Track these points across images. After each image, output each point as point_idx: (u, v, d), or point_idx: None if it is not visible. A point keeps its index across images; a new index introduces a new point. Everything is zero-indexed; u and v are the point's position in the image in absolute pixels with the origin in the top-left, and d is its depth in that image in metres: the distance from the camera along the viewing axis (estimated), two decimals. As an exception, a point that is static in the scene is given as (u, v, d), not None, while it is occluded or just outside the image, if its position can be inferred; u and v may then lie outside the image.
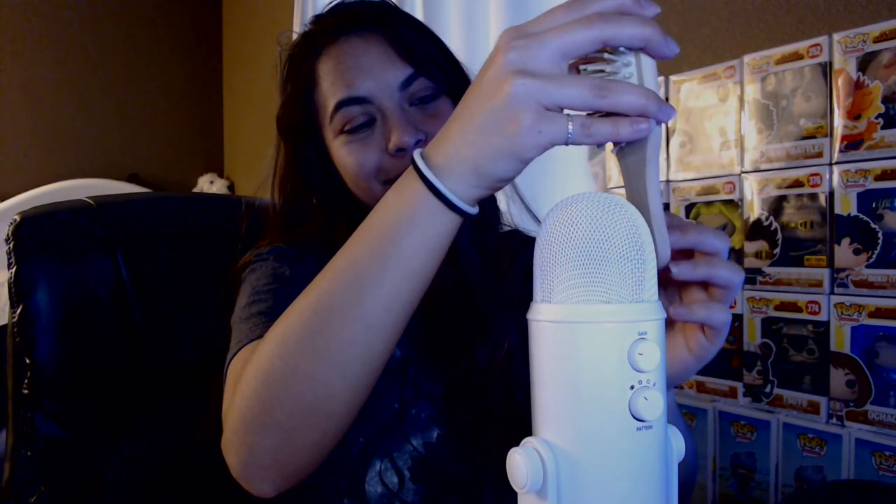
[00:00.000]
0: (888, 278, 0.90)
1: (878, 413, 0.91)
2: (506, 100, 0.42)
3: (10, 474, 0.77)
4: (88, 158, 3.08)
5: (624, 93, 0.42)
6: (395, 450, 0.67)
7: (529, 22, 0.44)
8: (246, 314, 0.63)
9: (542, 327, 0.39)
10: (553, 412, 0.39)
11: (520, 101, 0.41)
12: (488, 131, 0.43)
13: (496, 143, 0.43)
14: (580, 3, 0.43)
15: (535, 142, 0.42)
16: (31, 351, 0.77)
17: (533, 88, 0.41)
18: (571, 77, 0.42)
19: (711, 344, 0.51)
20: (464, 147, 0.44)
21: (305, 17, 2.38)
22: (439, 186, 0.45)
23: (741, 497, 1.06)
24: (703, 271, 0.49)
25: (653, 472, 0.38)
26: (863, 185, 0.92)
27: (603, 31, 0.41)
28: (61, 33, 3.06)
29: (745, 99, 1.07)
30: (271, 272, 0.68)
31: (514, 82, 0.41)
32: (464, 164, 0.45)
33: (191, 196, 1.67)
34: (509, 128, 0.42)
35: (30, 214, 0.81)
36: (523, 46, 0.42)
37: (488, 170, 0.44)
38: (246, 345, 0.59)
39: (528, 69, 0.41)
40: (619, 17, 0.42)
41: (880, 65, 0.91)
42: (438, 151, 0.46)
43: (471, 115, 0.44)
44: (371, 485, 0.66)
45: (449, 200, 0.45)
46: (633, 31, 0.42)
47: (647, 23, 0.42)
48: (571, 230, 0.38)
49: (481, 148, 0.43)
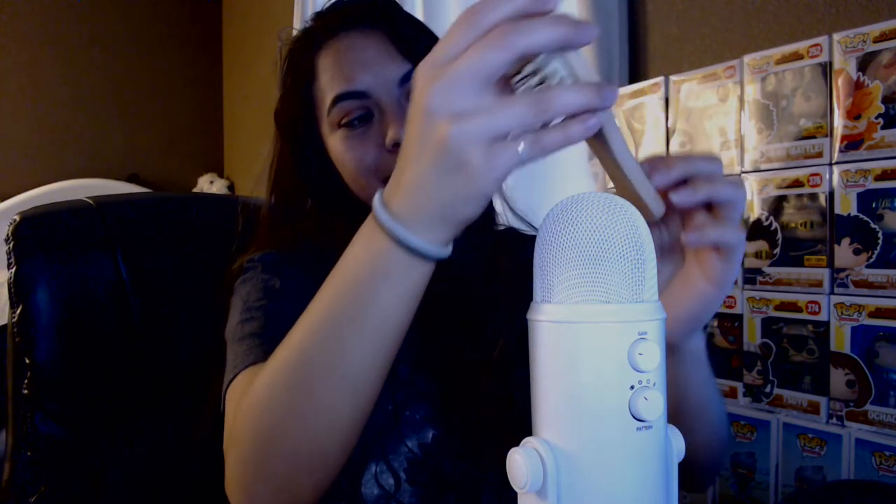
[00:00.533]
0: (888, 278, 0.90)
1: (878, 413, 0.91)
2: (448, 150, 0.40)
3: (10, 474, 0.77)
4: (88, 158, 3.09)
5: (562, 98, 0.39)
6: (391, 451, 0.66)
7: (438, 47, 0.41)
8: (239, 334, 0.64)
9: (542, 327, 0.39)
10: (553, 412, 0.39)
11: (462, 147, 0.40)
12: (443, 183, 0.41)
13: (454, 190, 0.42)
14: (474, 16, 0.40)
15: (492, 178, 0.41)
16: (31, 351, 0.77)
17: (470, 130, 0.39)
18: (504, 103, 0.40)
19: (729, 265, 0.50)
20: (424, 200, 0.43)
21: (305, 17, 2.37)
22: (410, 241, 0.44)
23: (741, 497, 1.06)
24: (704, 192, 0.48)
25: (653, 472, 0.38)
26: (863, 185, 0.92)
27: (514, 48, 0.39)
28: (61, 33, 3.06)
29: (745, 99, 1.07)
30: (261, 285, 0.68)
31: (449, 131, 0.39)
32: (428, 214, 0.44)
33: (191, 196, 1.67)
34: (462, 175, 0.41)
35: (30, 214, 0.81)
36: (442, 87, 0.40)
37: (454, 215, 0.43)
38: (241, 371, 0.60)
39: (457, 110, 0.39)
40: (525, 25, 0.39)
41: (880, 65, 0.91)
42: (399, 202, 0.44)
43: (420, 170, 0.42)
44: (367, 487, 0.66)
45: (422, 252, 0.45)
46: (545, 37, 0.39)
47: (554, 22, 0.39)
48: (571, 230, 0.38)
49: (441, 198, 0.42)
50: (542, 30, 0.39)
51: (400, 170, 0.44)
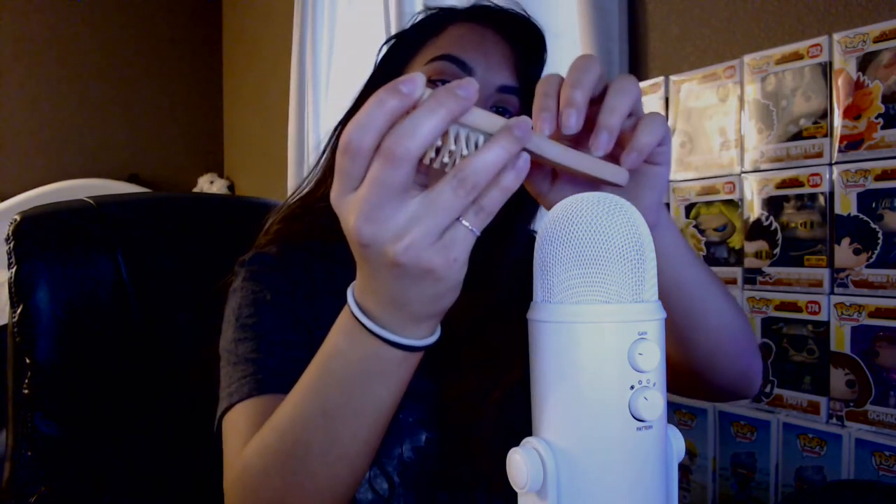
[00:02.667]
0: (888, 278, 0.90)
1: (878, 413, 0.91)
2: (404, 268, 0.40)
3: (10, 474, 0.77)
4: (88, 158, 3.09)
5: (480, 165, 0.39)
6: (384, 456, 0.66)
7: (339, 180, 0.41)
8: (234, 356, 0.64)
9: (542, 327, 0.39)
10: (553, 412, 0.39)
11: (417, 260, 0.40)
12: (414, 292, 0.42)
13: (427, 293, 0.42)
14: (353, 143, 0.39)
15: (457, 267, 0.41)
16: (31, 351, 0.77)
17: (414, 243, 0.39)
18: (431, 200, 0.39)
19: (665, 147, 0.51)
20: (401, 307, 0.44)
21: (306, 18, 2.37)
22: (401, 342, 0.45)
23: (741, 497, 1.06)
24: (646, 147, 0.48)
25: (653, 472, 0.38)
26: (863, 185, 0.92)
27: (408, 156, 0.38)
28: (61, 33, 3.06)
29: (745, 99, 1.07)
30: (252, 298, 0.68)
31: (396, 253, 0.39)
32: (410, 317, 0.45)
33: (191, 196, 1.67)
34: (429, 279, 0.41)
35: (30, 214, 0.81)
36: (365, 217, 0.39)
37: (435, 310, 0.45)
38: (236, 403, 0.61)
39: (392, 233, 0.39)
40: (405, 129, 0.38)
41: (880, 65, 0.91)
42: (378, 310, 0.45)
43: (388, 286, 0.43)
44: (361, 492, 0.66)
45: (413, 347, 0.46)
46: (430, 128, 0.38)
47: (430, 109, 0.38)
48: (571, 230, 0.38)
49: (418, 301, 0.43)
50: (423, 124, 0.38)
51: (367, 276, 0.44)
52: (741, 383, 0.68)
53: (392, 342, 0.45)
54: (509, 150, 0.39)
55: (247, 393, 0.61)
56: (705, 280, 0.61)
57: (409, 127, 0.38)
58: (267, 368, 0.62)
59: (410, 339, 0.45)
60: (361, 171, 0.40)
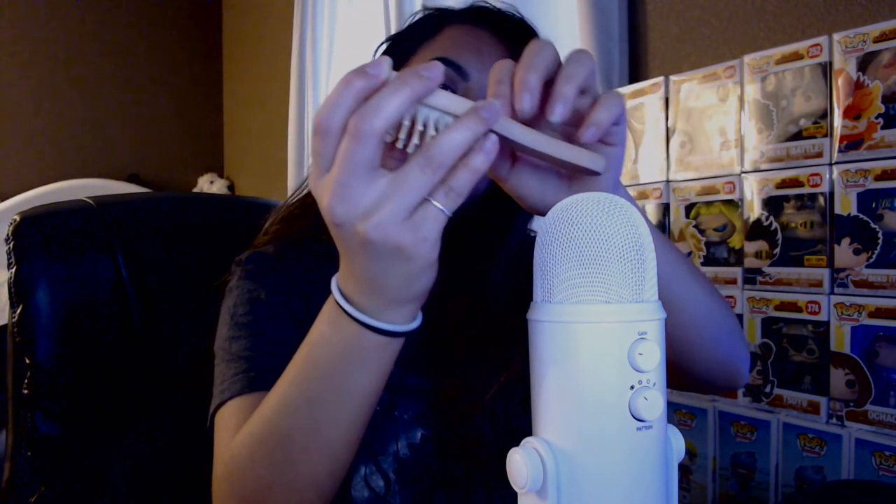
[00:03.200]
0: (888, 278, 0.90)
1: (878, 413, 0.91)
2: (375, 246, 0.41)
3: (10, 474, 0.77)
4: (88, 158, 3.09)
5: (447, 145, 0.40)
6: (380, 453, 0.66)
7: (314, 162, 0.42)
8: (228, 354, 0.65)
9: (542, 327, 0.39)
10: (553, 412, 0.39)
11: (387, 237, 0.41)
12: (388, 271, 0.43)
13: (401, 272, 0.43)
14: (323, 123, 0.40)
15: (429, 245, 0.42)
16: (31, 351, 0.77)
17: (383, 220, 0.40)
18: (399, 179, 0.40)
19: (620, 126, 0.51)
20: (378, 289, 0.45)
21: (305, 18, 2.38)
22: (380, 327, 0.46)
23: (741, 497, 1.06)
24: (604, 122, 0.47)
25: (653, 472, 0.38)
26: (863, 185, 0.92)
27: (373, 133, 0.39)
28: (62, 34, 3.06)
29: (745, 99, 1.07)
30: (247, 297, 0.69)
31: (366, 231, 0.40)
32: (387, 300, 0.46)
33: (191, 196, 1.67)
34: (401, 257, 0.42)
35: (30, 214, 0.81)
36: (336, 197, 0.40)
37: (412, 292, 0.45)
38: (228, 399, 0.61)
39: (362, 210, 0.40)
40: (371, 107, 0.39)
41: (880, 65, 0.91)
42: (357, 294, 0.46)
43: (363, 266, 0.44)
44: (357, 490, 0.66)
45: (392, 332, 0.47)
46: (395, 106, 0.39)
47: (395, 88, 0.40)
48: (571, 230, 0.38)
49: (394, 283, 0.44)
50: (388, 102, 0.39)
51: (345, 258, 0.45)
52: (721, 374, 0.66)
53: (371, 327, 0.46)
54: (475, 131, 0.40)
55: (238, 390, 0.61)
56: (676, 266, 0.59)
57: (374, 105, 0.39)
58: (260, 366, 0.62)
59: (389, 323, 0.46)
60: (332, 151, 0.41)
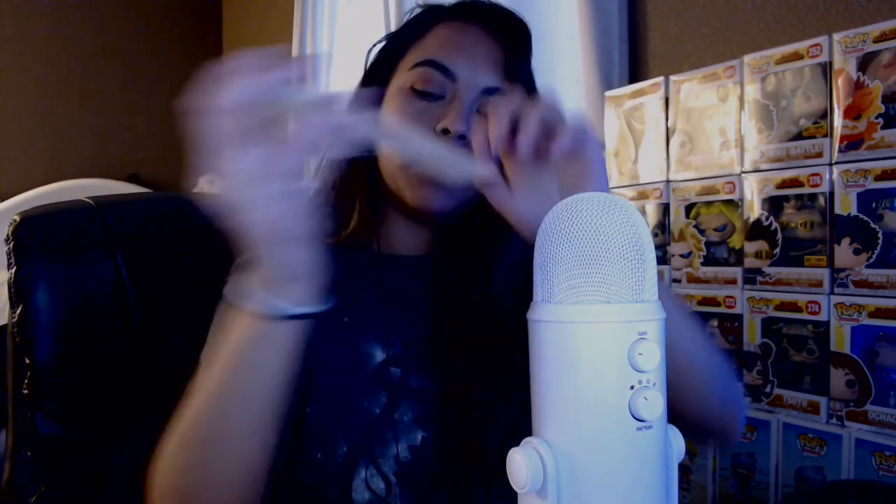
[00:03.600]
0: (888, 278, 0.90)
1: (878, 413, 0.91)
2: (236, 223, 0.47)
3: (10, 474, 0.77)
4: (88, 158, 3.08)
5: (294, 130, 0.47)
6: (380, 455, 0.66)
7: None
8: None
9: (542, 327, 0.39)
10: (553, 412, 0.39)
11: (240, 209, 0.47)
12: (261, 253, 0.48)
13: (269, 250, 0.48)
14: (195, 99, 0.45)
15: (286, 221, 0.47)
16: (31, 351, 0.77)
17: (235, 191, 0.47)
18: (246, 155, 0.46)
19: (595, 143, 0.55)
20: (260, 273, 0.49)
21: (305, 18, 2.37)
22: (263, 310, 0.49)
23: (741, 497, 1.06)
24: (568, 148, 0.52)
25: (653, 472, 0.38)
26: (863, 185, 0.92)
27: (216, 110, 0.45)
28: (62, 33, 3.06)
29: (745, 99, 1.07)
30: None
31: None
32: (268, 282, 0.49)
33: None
34: (261, 232, 0.48)
35: (30, 214, 0.81)
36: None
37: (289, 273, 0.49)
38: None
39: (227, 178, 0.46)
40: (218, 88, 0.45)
41: (880, 65, 0.91)
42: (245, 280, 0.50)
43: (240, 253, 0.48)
44: (358, 492, 0.65)
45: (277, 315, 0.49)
46: (249, 91, 0.45)
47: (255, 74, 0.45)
48: (571, 230, 0.38)
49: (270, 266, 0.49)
50: (241, 87, 0.45)
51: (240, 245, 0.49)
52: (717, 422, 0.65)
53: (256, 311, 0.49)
54: (321, 121, 0.46)
55: None
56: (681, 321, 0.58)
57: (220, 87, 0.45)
58: None
59: (272, 306, 0.49)
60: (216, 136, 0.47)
